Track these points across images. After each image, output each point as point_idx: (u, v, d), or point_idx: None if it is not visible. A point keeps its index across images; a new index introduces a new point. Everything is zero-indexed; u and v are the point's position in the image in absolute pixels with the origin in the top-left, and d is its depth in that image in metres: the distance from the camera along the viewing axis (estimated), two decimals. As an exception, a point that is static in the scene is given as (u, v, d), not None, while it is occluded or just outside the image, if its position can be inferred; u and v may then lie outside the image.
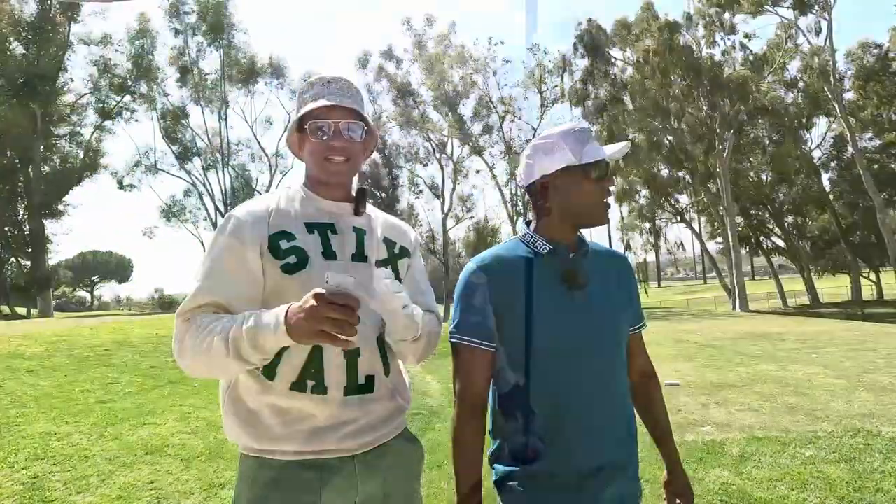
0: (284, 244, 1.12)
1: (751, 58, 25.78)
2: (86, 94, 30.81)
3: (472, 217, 34.36)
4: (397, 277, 1.25)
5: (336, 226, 1.19)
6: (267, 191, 34.41)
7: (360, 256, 1.19)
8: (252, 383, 1.10)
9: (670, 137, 26.34)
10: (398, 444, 1.20)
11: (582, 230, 1.26)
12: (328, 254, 1.15)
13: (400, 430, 1.23)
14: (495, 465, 1.22)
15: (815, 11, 24.35)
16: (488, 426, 1.25)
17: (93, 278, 79.81)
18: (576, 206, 1.21)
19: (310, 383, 1.08)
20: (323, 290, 0.91)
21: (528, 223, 1.28)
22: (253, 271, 1.10)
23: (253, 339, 0.97)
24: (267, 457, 1.08)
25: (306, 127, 1.19)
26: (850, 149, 25.90)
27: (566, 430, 1.12)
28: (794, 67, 26.83)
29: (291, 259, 1.11)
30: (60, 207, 30.63)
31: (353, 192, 1.27)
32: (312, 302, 0.91)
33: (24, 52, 28.42)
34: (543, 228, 1.23)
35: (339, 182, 1.22)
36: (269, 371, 1.09)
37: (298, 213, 1.18)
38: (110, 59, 30.47)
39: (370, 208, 1.30)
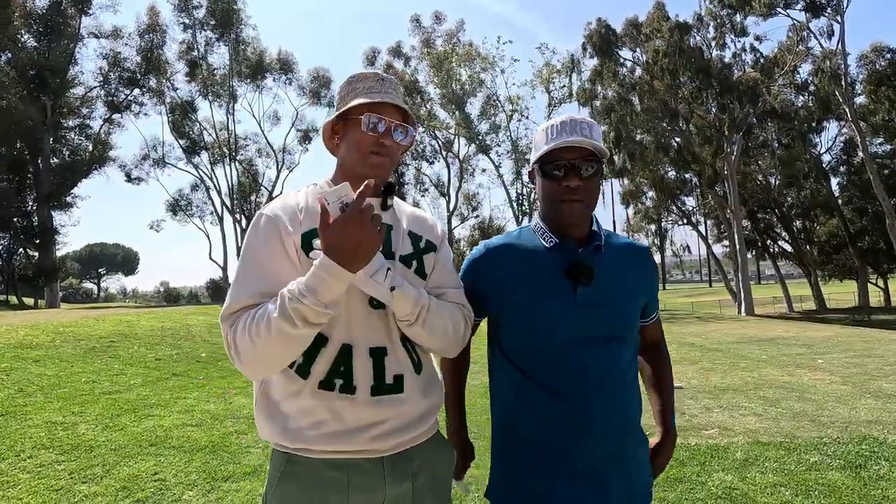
0: (316, 243, 1.10)
1: (761, 60, 25.55)
2: (95, 87, 31.04)
3: (477, 216, 34.39)
4: (423, 273, 1.23)
5: None
6: (273, 186, 34.64)
7: (386, 253, 1.18)
8: (283, 383, 1.10)
9: (678, 139, 26.17)
10: (428, 448, 1.19)
11: (598, 221, 1.27)
12: None
13: (432, 432, 1.22)
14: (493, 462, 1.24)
15: (827, 14, 24.10)
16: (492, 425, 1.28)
17: (100, 270, 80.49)
18: (542, 202, 1.22)
19: (338, 382, 1.08)
20: (326, 201, 0.98)
21: (540, 214, 1.29)
22: (291, 269, 1.10)
23: (314, 296, 0.97)
24: (297, 454, 1.09)
25: (361, 118, 1.16)
26: (860, 153, 25.64)
27: (566, 419, 1.12)
28: (804, 70, 26.61)
29: None
30: (69, 199, 30.88)
31: (382, 187, 1.25)
32: (335, 230, 0.96)
33: (36, 44, 28.63)
34: (549, 221, 1.23)
35: (377, 178, 1.20)
36: (304, 369, 1.09)
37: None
38: (120, 52, 30.67)
39: (395, 201, 1.29)
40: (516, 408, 1.18)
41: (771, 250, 31.75)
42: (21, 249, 32.67)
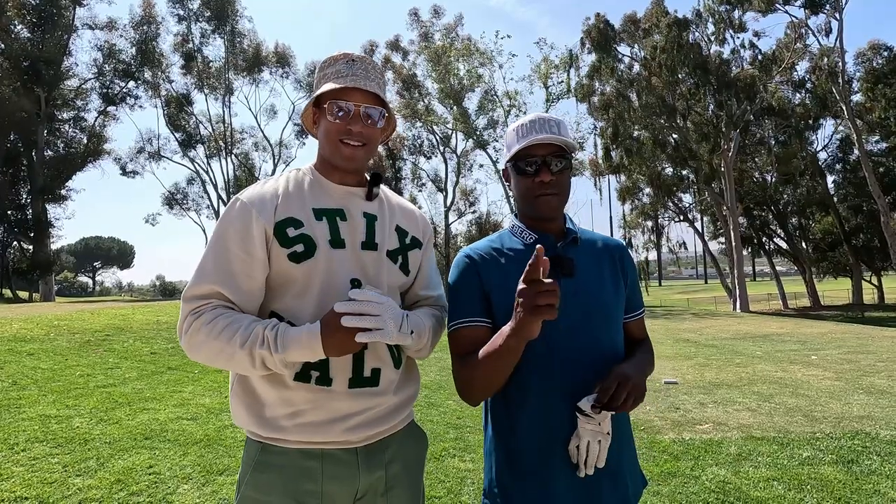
0: (292, 231, 1.09)
1: (759, 57, 25.55)
2: (90, 79, 30.77)
3: (474, 211, 34.36)
4: (406, 269, 1.23)
5: (346, 212, 1.16)
6: (270, 180, 34.40)
7: (369, 244, 1.16)
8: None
9: (675, 136, 26.18)
10: (402, 436, 1.20)
11: (573, 219, 1.29)
12: (336, 241, 1.12)
13: (406, 422, 1.23)
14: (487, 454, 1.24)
15: (826, 11, 24.11)
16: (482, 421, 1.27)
17: (95, 264, 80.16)
18: (518, 199, 1.25)
19: (314, 374, 1.07)
20: (343, 309, 0.99)
21: (515, 215, 1.31)
22: (258, 258, 1.08)
23: (283, 360, 1.01)
24: (271, 444, 1.09)
25: (325, 106, 1.15)
26: (856, 151, 25.74)
27: (553, 412, 1.12)
28: (802, 68, 26.65)
29: (299, 247, 1.09)
30: (63, 192, 30.68)
31: (368, 176, 1.24)
32: (338, 321, 0.98)
33: (29, 35, 28.32)
34: (525, 218, 1.26)
35: (353, 168, 1.18)
36: None
37: (307, 198, 1.14)
38: (115, 44, 30.39)
39: (385, 192, 1.27)
40: (513, 413, 1.17)
41: (766, 247, 31.90)
42: (15, 242, 32.47)
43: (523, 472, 1.14)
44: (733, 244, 24.90)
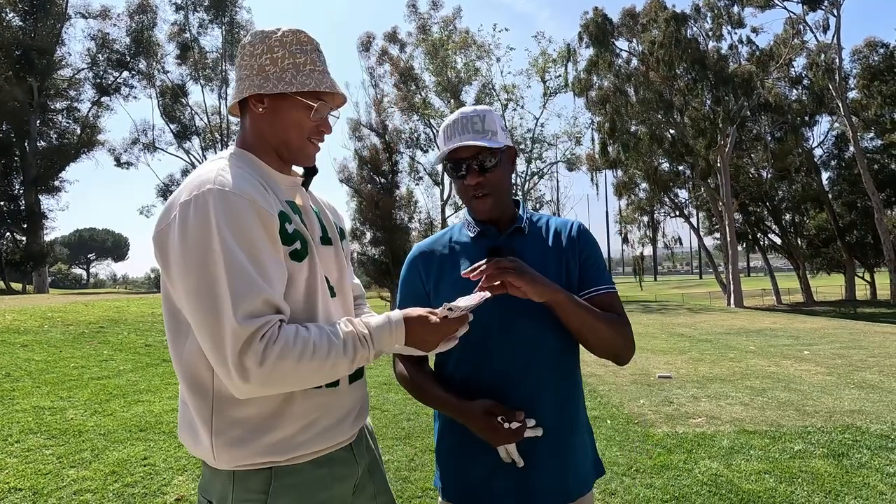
0: (289, 227, 0.98)
1: (757, 53, 25.55)
2: (83, 68, 30.38)
3: (471, 205, 34.29)
4: (348, 260, 1.25)
5: (297, 205, 1.07)
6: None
7: (325, 239, 1.11)
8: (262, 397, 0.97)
9: (672, 131, 26.19)
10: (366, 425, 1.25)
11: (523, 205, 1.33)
12: (311, 237, 1.07)
13: None
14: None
15: (823, 7, 24.11)
16: None
17: (89, 256, 79.60)
18: (458, 195, 1.26)
19: None
20: (454, 313, 1.00)
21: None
22: (280, 258, 0.96)
23: (378, 354, 1.01)
24: (280, 465, 0.97)
25: (313, 104, 1.03)
26: (851, 148, 25.83)
27: (484, 397, 1.14)
28: (799, 64, 26.66)
29: (297, 245, 0.99)
30: (57, 183, 30.39)
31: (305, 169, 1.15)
32: (441, 324, 1.01)
33: (22, 23, 27.93)
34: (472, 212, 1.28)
35: (307, 165, 1.12)
36: None
37: (277, 189, 1.02)
38: (109, 33, 30.02)
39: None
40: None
41: (761, 243, 32.04)
42: (8, 234, 32.18)
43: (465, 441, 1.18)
44: (728, 240, 25.01)
